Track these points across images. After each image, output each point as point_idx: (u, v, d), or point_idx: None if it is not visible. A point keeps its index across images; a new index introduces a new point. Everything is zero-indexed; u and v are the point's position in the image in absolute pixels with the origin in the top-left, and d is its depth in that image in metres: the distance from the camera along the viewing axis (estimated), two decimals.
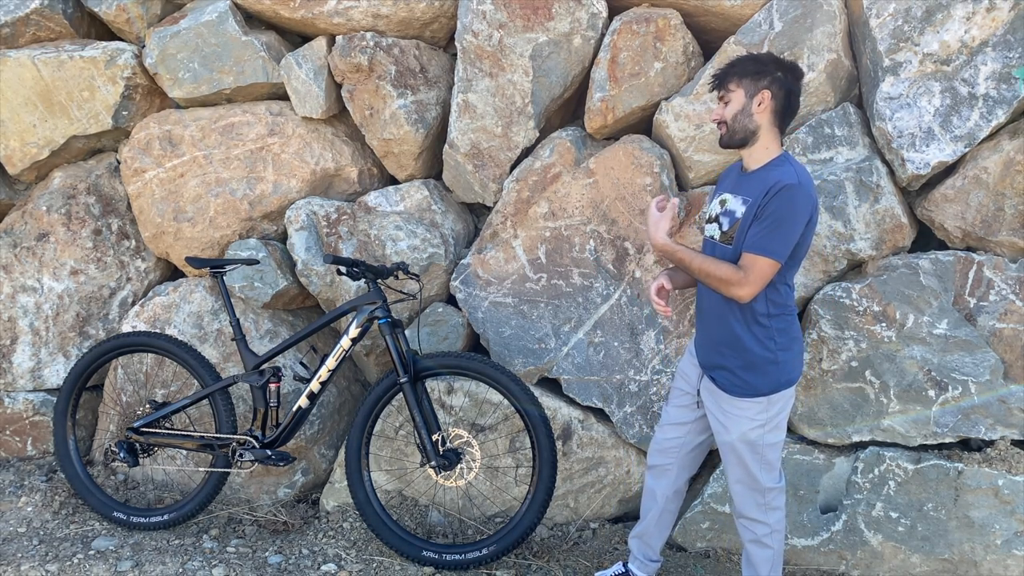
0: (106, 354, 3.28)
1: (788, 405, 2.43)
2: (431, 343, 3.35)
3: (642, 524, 2.76)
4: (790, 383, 2.39)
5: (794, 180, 2.21)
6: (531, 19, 3.17)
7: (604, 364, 3.21)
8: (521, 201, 3.24)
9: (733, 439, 2.42)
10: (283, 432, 3.09)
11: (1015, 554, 2.88)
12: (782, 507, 2.51)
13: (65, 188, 3.66)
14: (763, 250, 2.21)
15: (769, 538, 2.50)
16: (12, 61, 3.52)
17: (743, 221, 2.29)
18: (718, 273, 2.27)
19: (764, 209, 2.22)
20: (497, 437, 3.28)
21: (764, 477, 2.44)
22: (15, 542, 3.07)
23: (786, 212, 2.20)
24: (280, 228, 3.54)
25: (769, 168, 2.31)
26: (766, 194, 2.22)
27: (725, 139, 2.38)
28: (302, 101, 3.39)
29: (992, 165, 2.85)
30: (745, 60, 2.35)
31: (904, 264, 2.92)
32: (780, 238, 2.21)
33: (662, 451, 2.68)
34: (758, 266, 2.22)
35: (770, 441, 2.42)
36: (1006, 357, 2.89)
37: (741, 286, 2.23)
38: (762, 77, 2.29)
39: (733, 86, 2.33)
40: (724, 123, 2.36)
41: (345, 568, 2.99)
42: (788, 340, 2.38)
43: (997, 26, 2.80)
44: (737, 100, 2.32)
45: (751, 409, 2.38)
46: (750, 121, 2.31)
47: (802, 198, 2.20)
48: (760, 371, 2.36)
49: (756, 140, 2.33)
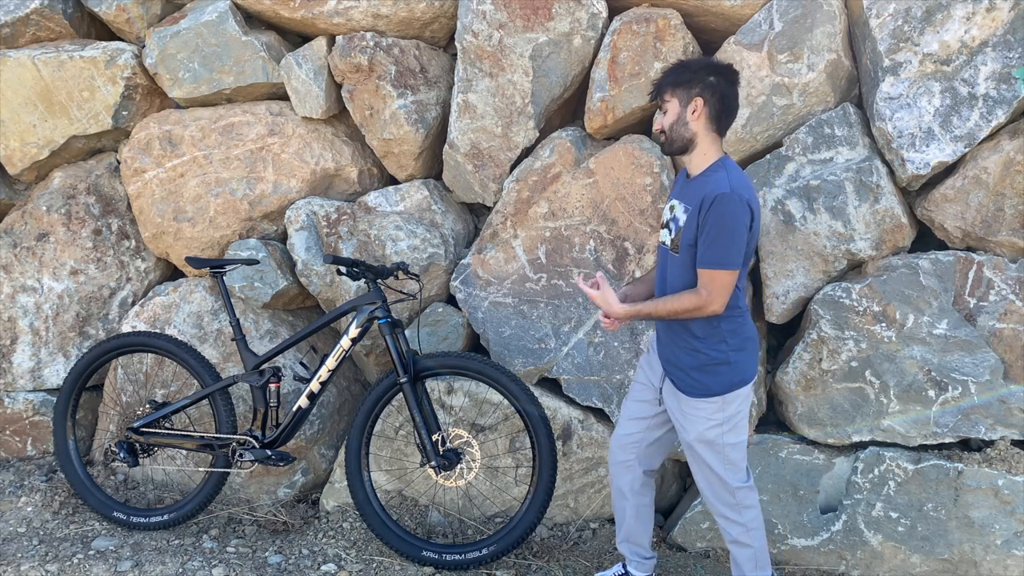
0: (106, 354, 3.28)
1: (746, 404, 2.44)
2: (431, 343, 3.35)
3: (623, 527, 2.76)
4: (744, 383, 2.41)
5: (726, 188, 2.23)
6: (531, 19, 3.17)
7: (604, 364, 3.21)
8: (521, 201, 3.24)
9: (691, 439, 2.45)
10: (283, 432, 3.09)
11: (1015, 554, 2.88)
12: (755, 504, 2.51)
13: (65, 188, 3.66)
14: (715, 263, 2.25)
15: (746, 536, 2.51)
16: (12, 61, 3.52)
17: (685, 231, 2.33)
18: (683, 306, 2.31)
19: (705, 221, 2.25)
20: (497, 437, 3.28)
21: (730, 477, 2.45)
22: (15, 542, 3.07)
23: (725, 222, 2.22)
24: (280, 228, 3.54)
25: (706, 176, 2.33)
26: (702, 205, 2.25)
27: (666, 148, 2.41)
28: (302, 101, 3.39)
29: (992, 165, 2.85)
30: (676, 69, 2.37)
31: (904, 264, 2.92)
32: (728, 247, 2.24)
33: (623, 447, 2.69)
34: (716, 280, 2.26)
35: (730, 441, 2.43)
36: (1006, 357, 2.89)
37: (708, 304, 2.27)
38: (693, 85, 2.31)
39: (668, 96, 2.35)
40: (662, 132, 2.39)
41: (345, 568, 2.99)
42: (740, 340, 2.40)
43: (997, 26, 2.80)
44: (672, 110, 2.35)
45: (707, 409, 2.40)
46: (686, 129, 2.34)
47: (736, 204, 2.22)
48: (712, 372, 2.38)
49: (694, 147, 2.36)
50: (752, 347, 2.45)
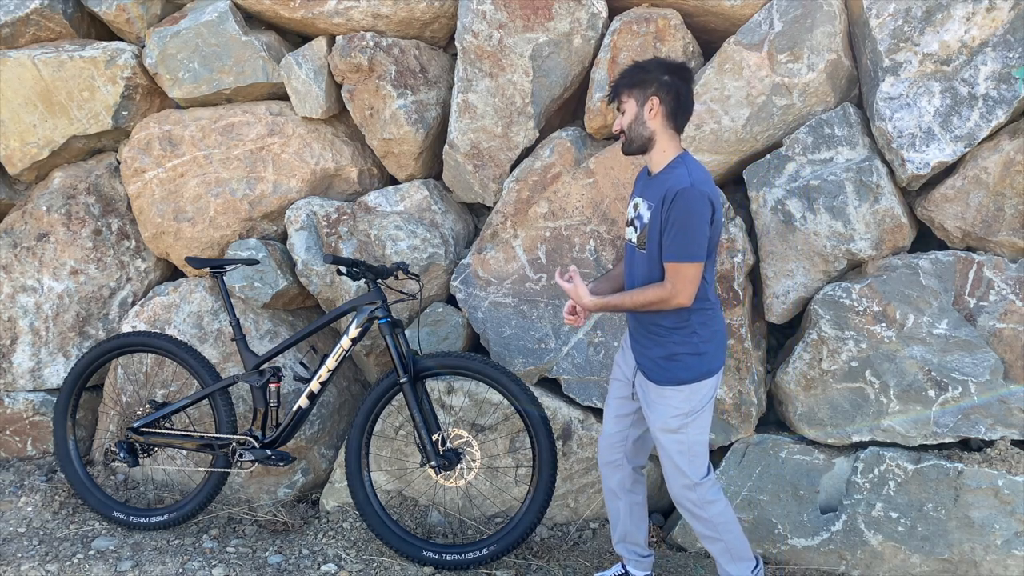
0: (106, 354, 3.28)
1: (711, 395, 2.48)
2: (431, 343, 3.35)
3: (619, 527, 2.77)
4: (711, 373, 2.45)
5: (686, 183, 2.27)
6: (531, 19, 3.17)
7: (604, 364, 3.21)
8: (521, 201, 3.24)
9: (656, 428, 2.48)
10: (283, 432, 3.09)
11: (1015, 554, 2.88)
12: (719, 498, 2.52)
13: (65, 188, 3.66)
14: (680, 257, 2.30)
15: (713, 531, 2.52)
16: (12, 61, 3.52)
17: (650, 227, 2.37)
18: (650, 298, 2.35)
19: (667, 217, 2.29)
20: (497, 437, 3.28)
21: (691, 470, 2.47)
22: (15, 542, 3.07)
23: (687, 215, 2.27)
24: (280, 228, 3.54)
25: (667, 172, 2.37)
26: (664, 201, 2.30)
27: (625, 148, 2.45)
28: (302, 101, 3.39)
29: (992, 165, 2.85)
30: (631, 70, 2.41)
31: (904, 264, 2.92)
32: (691, 240, 2.28)
33: (610, 447, 2.71)
34: (681, 273, 2.30)
35: (692, 432, 2.46)
36: (1006, 357, 2.89)
37: (675, 297, 2.32)
38: (648, 84, 2.35)
39: (625, 97, 2.40)
40: (623, 133, 2.43)
41: (345, 568, 2.99)
42: (710, 332, 2.45)
43: (997, 26, 2.80)
44: (630, 110, 2.39)
45: (674, 397, 2.44)
46: (644, 128, 2.38)
47: (696, 198, 2.26)
48: (682, 361, 2.42)
49: (654, 145, 2.40)
50: (721, 339, 2.51)
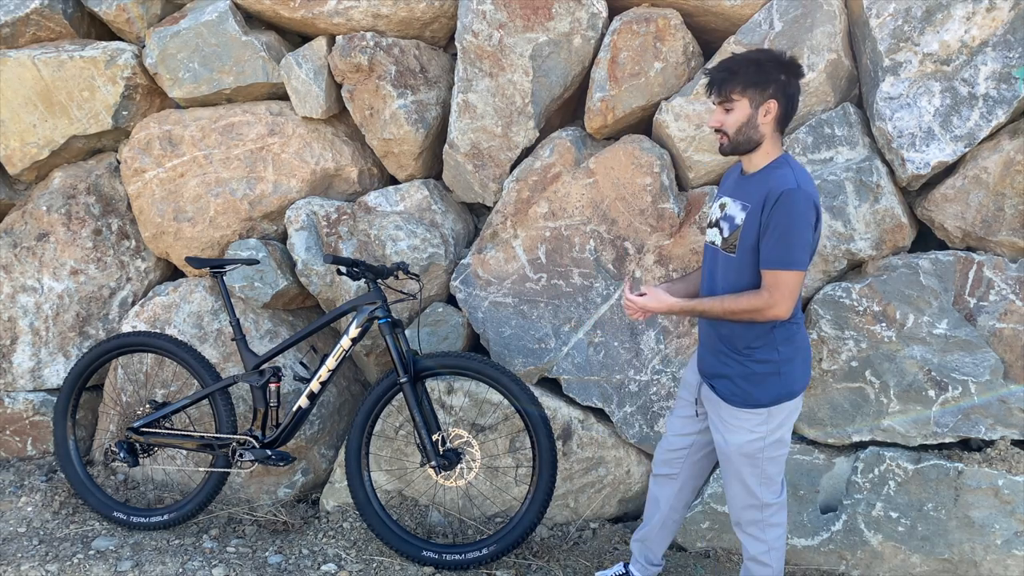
0: (106, 354, 3.28)
1: (791, 418, 2.34)
2: (431, 343, 3.35)
3: (645, 528, 2.72)
4: (792, 395, 2.30)
5: (792, 184, 2.13)
6: (531, 19, 3.17)
7: (604, 364, 3.21)
8: (521, 201, 3.24)
9: (730, 450, 2.35)
10: (283, 432, 3.09)
11: (1015, 554, 2.88)
12: (782, 524, 2.43)
13: (65, 188, 3.66)
14: (782, 264, 2.13)
15: (767, 556, 2.43)
16: (12, 61, 3.52)
17: (744, 229, 2.21)
18: (743, 306, 2.18)
19: (769, 219, 2.14)
20: (497, 437, 3.28)
21: (763, 492, 2.37)
22: (15, 542, 3.07)
23: (792, 219, 2.11)
24: (280, 228, 3.54)
25: (768, 172, 2.22)
26: (765, 202, 2.14)
27: (727, 148, 2.26)
28: (302, 101, 3.39)
29: (992, 165, 2.85)
30: (748, 67, 2.19)
31: (904, 264, 2.92)
32: (794, 246, 2.13)
33: (666, 462, 2.62)
34: (782, 281, 2.14)
35: (770, 455, 2.33)
36: (1006, 357, 2.89)
37: (772, 307, 2.15)
38: (767, 86, 2.17)
39: (737, 96, 2.19)
40: (726, 134, 2.24)
41: (345, 568, 2.99)
42: (792, 350, 2.30)
43: (997, 26, 2.80)
44: (741, 111, 2.19)
45: (750, 420, 2.30)
46: (755, 132, 2.21)
47: (802, 200, 2.12)
48: (759, 382, 2.28)
49: (759, 148, 2.24)
50: (803, 358, 2.34)
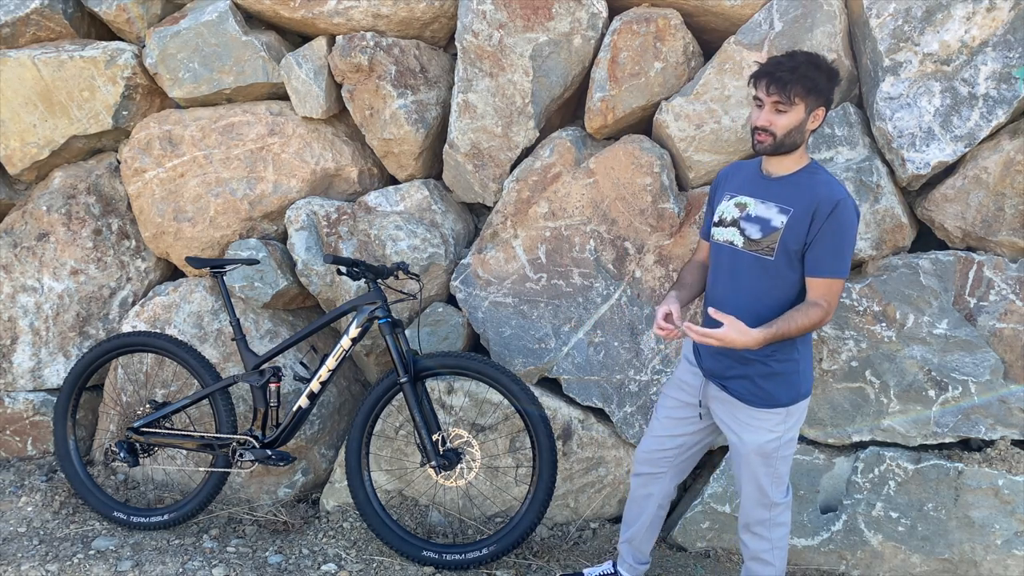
0: (106, 354, 3.28)
1: (803, 416, 2.39)
2: (431, 343, 3.35)
3: (632, 529, 2.72)
4: (807, 393, 2.35)
5: (843, 194, 2.16)
6: (531, 19, 3.17)
7: (604, 364, 3.21)
8: (521, 201, 3.24)
9: (747, 450, 2.36)
10: (283, 432, 3.10)
11: (1015, 554, 2.88)
12: (787, 523, 2.46)
13: (65, 188, 3.66)
14: (838, 273, 2.18)
15: (770, 554, 2.45)
16: (12, 61, 3.52)
17: (787, 233, 2.19)
18: (812, 321, 2.19)
19: (824, 229, 2.14)
20: (497, 437, 3.28)
21: (773, 491, 2.40)
22: (15, 542, 3.07)
23: (847, 229, 2.16)
24: (280, 228, 3.54)
25: (806, 178, 2.22)
26: (817, 211, 2.14)
27: (769, 148, 2.21)
28: (302, 101, 3.39)
29: (992, 165, 2.85)
30: (812, 71, 2.15)
31: (904, 264, 2.92)
32: (847, 255, 2.19)
33: (652, 461, 2.61)
34: (836, 290, 2.20)
35: (784, 454, 2.37)
36: (1006, 357, 2.89)
37: (829, 315, 2.21)
38: (823, 95, 2.18)
39: (798, 100, 2.15)
40: (771, 134, 2.19)
41: (345, 568, 2.99)
42: (807, 348, 2.35)
43: (997, 26, 2.80)
44: (796, 114, 2.17)
45: (770, 420, 2.31)
46: (800, 136, 2.21)
47: (853, 210, 2.18)
48: (781, 381, 2.29)
49: (794, 151, 2.25)
50: (811, 355, 2.40)
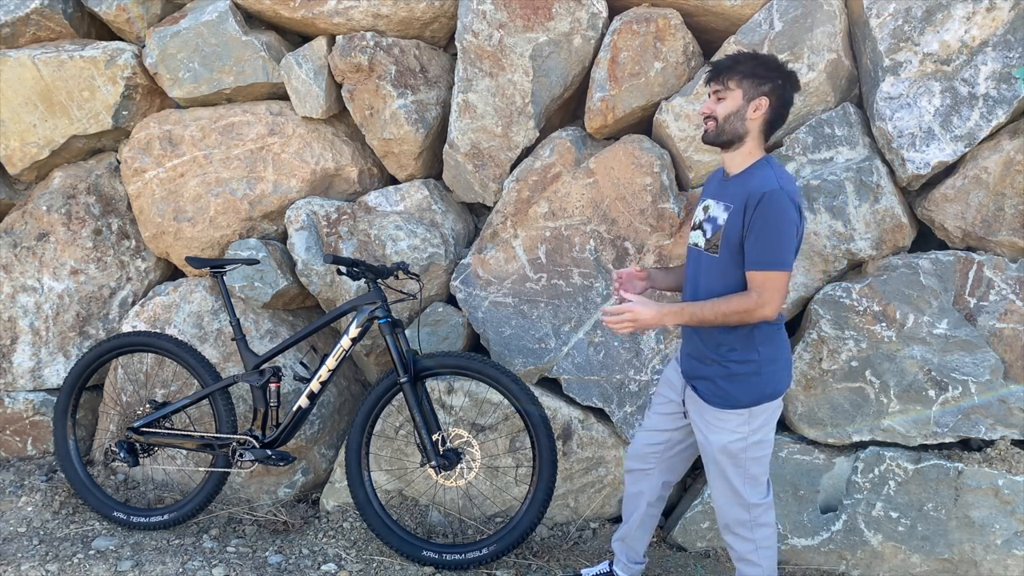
0: (106, 354, 3.28)
1: (773, 418, 2.35)
2: (431, 343, 3.35)
3: (625, 527, 2.72)
4: (774, 395, 2.31)
5: (775, 185, 2.14)
6: (531, 19, 3.17)
7: (604, 364, 3.21)
8: (521, 201, 3.24)
9: (714, 451, 2.36)
10: (283, 432, 3.10)
11: (1015, 554, 2.88)
12: (770, 524, 2.43)
13: (65, 188, 3.66)
14: (767, 264, 2.15)
15: (755, 554, 2.43)
16: (12, 61, 3.52)
17: (726, 229, 2.23)
18: (735, 308, 2.19)
19: (752, 220, 2.15)
20: (497, 437, 3.28)
21: (748, 492, 2.37)
22: (15, 542, 3.07)
23: (776, 220, 2.13)
24: (280, 228, 3.54)
25: (749, 173, 2.24)
26: (747, 203, 2.16)
27: (711, 136, 2.28)
28: (302, 101, 3.39)
29: (992, 165, 2.85)
30: (750, 60, 2.24)
31: (904, 264, 2.92)
32: (779, 246, 2.15)
33: (641, 456, 2.62)
34: (770, 281, 2.16)
35: (753, 455, 2.34)
36: (1006, 357, 2.89)
37: (761, 308, 2.16)
38: (763, 82, 2.21)
39: (733, 85, 2.22)
40: (714, 120, 2.26)
41: (345, 568, 2.99)
42: (773, 350, 2.31)
43: (997, 26, 2.80)
44: (733, 100, 2.23)
45: (732, 421, 2.31)
46: (741, 125, 2.23)
47: (784, 201, 2.14)
48: (741, 382, 2.29)
49: (742, 145, 2.26)
50: (785, 358, 2.35)
